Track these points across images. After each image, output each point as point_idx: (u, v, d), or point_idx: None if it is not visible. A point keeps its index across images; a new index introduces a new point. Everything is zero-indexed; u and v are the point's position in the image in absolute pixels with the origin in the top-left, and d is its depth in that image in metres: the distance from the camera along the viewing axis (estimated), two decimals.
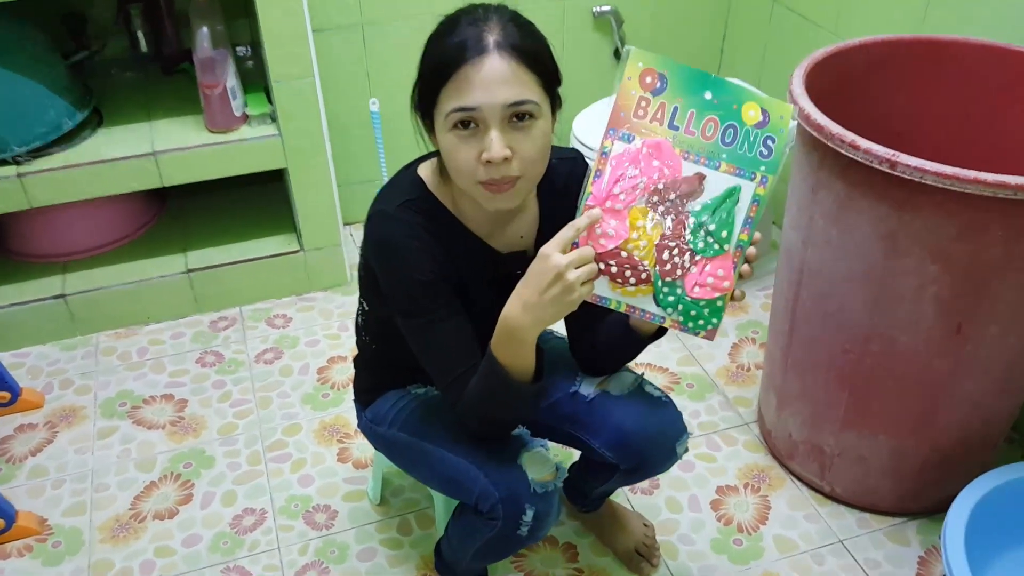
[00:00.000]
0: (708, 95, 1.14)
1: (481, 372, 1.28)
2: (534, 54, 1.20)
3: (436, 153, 1.31)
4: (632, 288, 1.19)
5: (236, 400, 2.20)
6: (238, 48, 2.49)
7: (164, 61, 2.53)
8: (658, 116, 1.14)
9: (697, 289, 1.18)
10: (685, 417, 2.06)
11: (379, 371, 1.61)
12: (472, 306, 1.37)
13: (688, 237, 1.17)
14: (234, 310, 2.50)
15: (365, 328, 1.58)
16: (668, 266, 1.18)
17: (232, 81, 2.23)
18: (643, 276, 1.18)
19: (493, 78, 1.17)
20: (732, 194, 1.16)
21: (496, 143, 1.18)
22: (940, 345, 1.60)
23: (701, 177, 1.15)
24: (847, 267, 1.62)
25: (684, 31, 2.84)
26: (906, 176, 1.42)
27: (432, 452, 1.47)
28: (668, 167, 1.15)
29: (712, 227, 1.16)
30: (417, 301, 1.32)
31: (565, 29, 2.70)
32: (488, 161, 1.19)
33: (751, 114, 1.14)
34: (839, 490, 1.90)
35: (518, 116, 1.19)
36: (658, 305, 1.20)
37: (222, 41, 2.20)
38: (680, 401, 2.14)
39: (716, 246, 1.17)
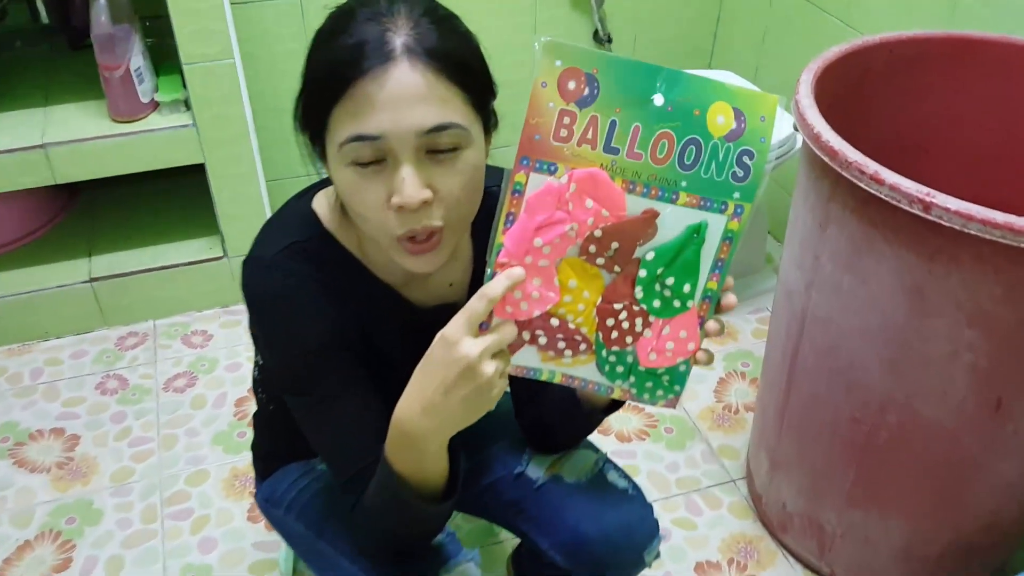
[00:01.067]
0: (659, 99, 0.79)
1: (376, 481, 0.97)
2: (459, 61, 0.88)
3: None
4: (568, 360, 0.89)
5: (136, 438, 1.88)
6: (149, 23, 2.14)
7: (71, 34, 2.19)
8: (589, 136, 0.80)
9: (653, 356, 0.89)
10: (662, 471, 1.77)
11: (278, 437, 1.30)
12: (389, 373, 1.06)
13: (639, 295, 0.86)
14: (147, 324, 2.17)
15: (262, 384, 1.27)
16: (614, 333, 0.87)
17: (138, 62, 1.89)
18: (581, 348, 0.88)
19: (402, 96, 0.85)
20: (696, 233, 0.83)
21: (409, 183, 0.87)
22: (974, 421, 1.29)
23: (652, 215, 0.83)
24: (861, 321, 1.31)
25: (673, 11, 2.51)
26: (943, 222, 1.10)
27: (329, 556, 1.17)
28: (607, 206, 0.82)
29: (671, 280, 0.85)
30: (304, 374, 1.01)
31: (538, 7, 2.37)
32: (400, 207, 0.88)
33: (720, 120, 0.80)
34: (841, 573, 1.60)
35: (439, 145, 0.88)
36: (603, 376, 0.90)
37: (126, 14, 1.86)
38: (657, 451, 1.84)
39: (677, 303, 0.86)
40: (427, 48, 0.86)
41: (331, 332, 1.00)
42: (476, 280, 1.10)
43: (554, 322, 0.86)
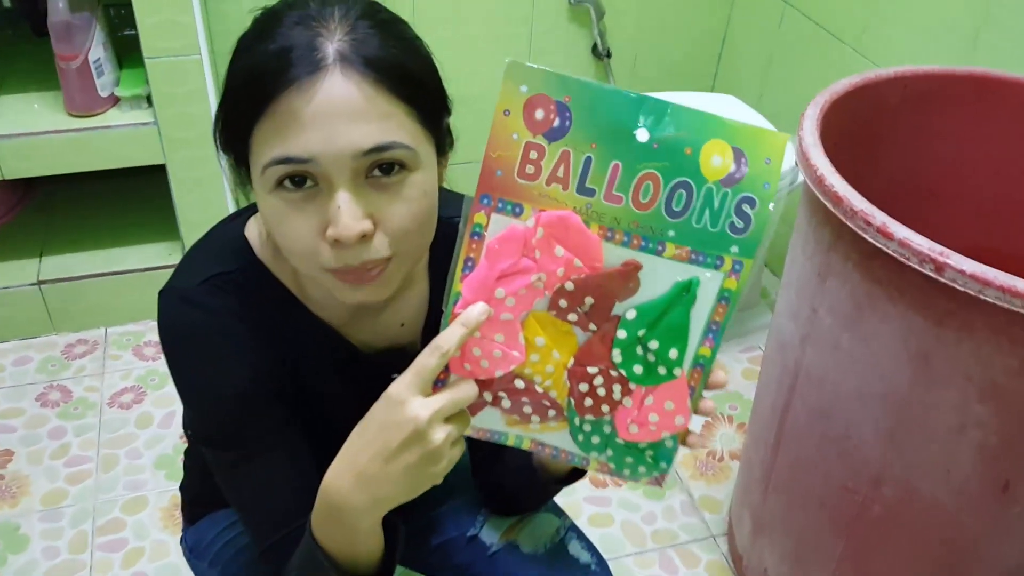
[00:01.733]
0: (643, 134, 0.67)
1: (299, 553, 0.84)
2: (403, 71, 0.75)
3: None
4: (536, 425, 0.76)
5: (74, 457, 1.75)
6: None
7: (36, 20, 2.05)
8: (559, 174, 0.68)
9: (635, 429, 0.75)
10: (637, 523, 1.65)
11: (207, 480, 1.15)
12: (325, 427, 0.93)
13: (617, 359, 0.72)
14: (97, 332, 2.04)
15: (188, 423, 1.14)
16: (588, 400, 0.74)
17: (98, 53, 1.76)
18: (550, 414, 0.75)
19: (335, 111, 0.72)
20: (686, 291, 0.70)
21: (346, 213, 0.74)
22: (978, 503, 1.17)
23: (634, 268, 0.70)
24: (859, 384, 1.19)
25: (675, 29, 2.38)
26: (957, 285, 0.98)
27: None
28: (580, 255, 0.69)
29: (655, 344, 0.72)
30: (220, 429, 0.89)
31: (535, 17, 2.24)
32: (336, 240, 0.75)
33: (716, 162, 0.67)
34: None
35: (381, 167, 0.75)
36: (577, 446, 0.77)
37: (88, 2, 1.73)
38: (634, 499, 1.72)
39: (662, 370, 0.73)
40: (365, 56, 0.73)
41: (254, 380, 0.87)
42: (432, 322, 0.97)
43: (519, 383, 0.73)
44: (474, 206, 0.69)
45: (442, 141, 0.82)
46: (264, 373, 0.88)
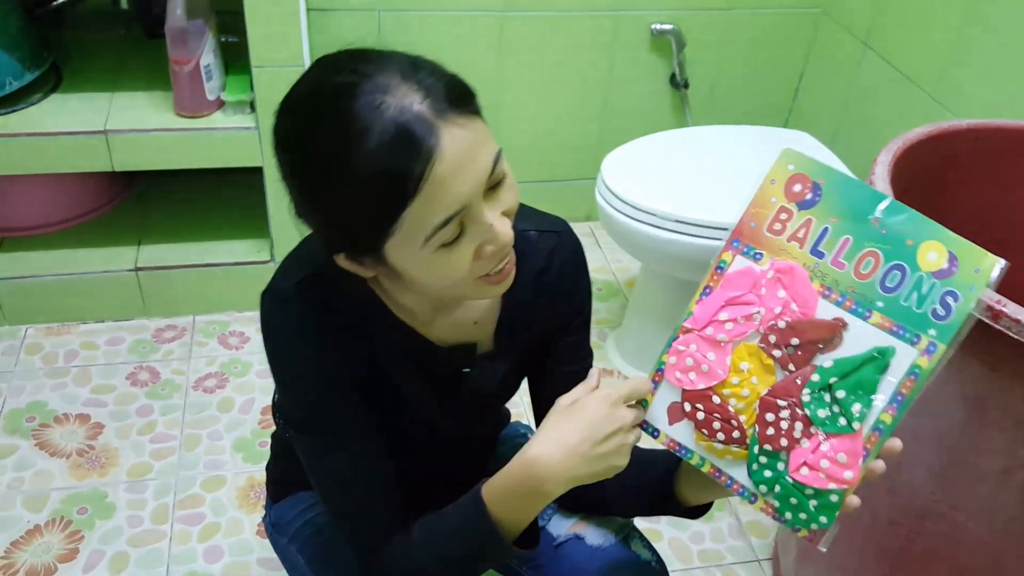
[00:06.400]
0: (875, 221, 0.80)
1: (447, 530, 0.95)
2: (464, 86, 0.83)
3: None
4: (720, 446, 0.87)
5: (159, 434, 1.86)
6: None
7: (148, 22, 2.19)
8: (800, 235, 0.83)
9: (805, 472, 0.82)
10: (685, 541, 1.71)
11: (293, 463, 1.25)
12: (402, 410, 1.03)
13: (806, 399, 0.82)
14: (186, 319, 2.16)
15: (281, 410, 1.23)
16: (771, 430, 0.84)
17: (209, 59, 1.88)
18: (734, 435, 0.86)
19: (463, 156, 0.79)
20: (881, 357, 0.79)
21: (500, 226, 0.84)
22: (1020, 543, 1.21)
23: (841, 325, 0.81)
24: (915, 423, 1.20)
25: (754, 64, 2.44)
26: (1011, 333, 1.03)
27: None
28: (798, 302, 0.82)
29: (842, 394, 0.80)
30: (310, 413, 0.97)
31: (617, 46, 2.32)
32: (495, 253, 0.85)
33: (931, 257, 0.78)
34: None
35: (494, 176, 0.84)
36: (750, 477, 0.86)
37: (203, 10, 1.85)
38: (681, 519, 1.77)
39: (843, 420, 0.81)
40: (445, 96, 0.79)
41: (340, 370, 0.96)
42: (503, 323, 1.05)
43: (716, 400, 0.86)
44: (725, 247, 0.86)
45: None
46: (349, 364, 0.96)
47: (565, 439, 0.87)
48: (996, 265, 0.76)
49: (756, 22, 2.37)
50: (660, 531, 1.76)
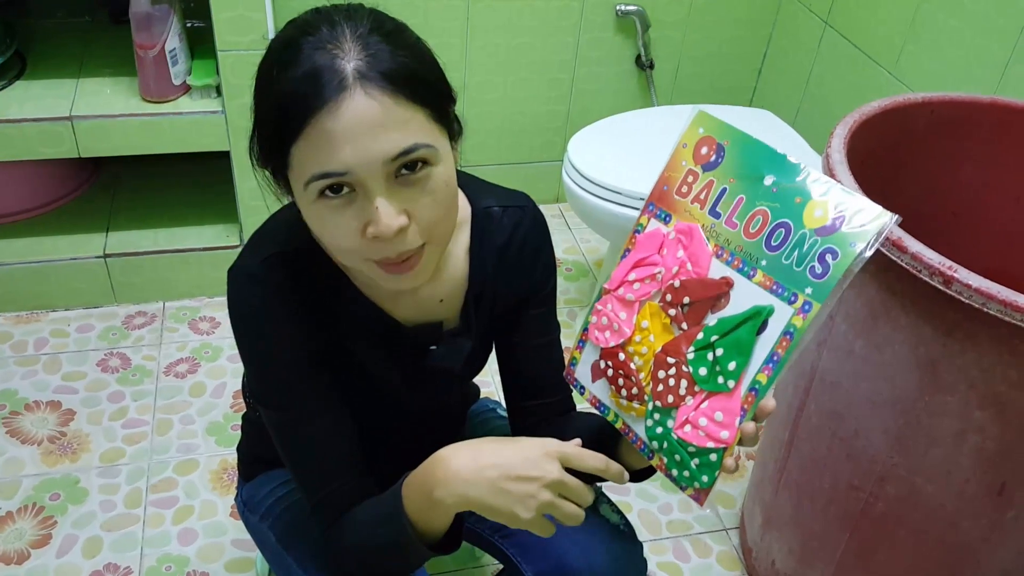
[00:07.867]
0: (769, 179, 0.80)
1: (376, 515, 0.96)
2: (415, 77, 0.84)
3: None
4: (625, 402, 0.90)
5: (131, 420, 1.87)
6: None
7: (113, 7, 2.19)
8: (702, 196, 0.85)
9: (688, 429, 0.83)
10: (654, 512, 1.73)
11: (263, 442, 1.26)
12: (368, 387, 1.05)
13: (690, 356, 0.83)
14: (156, 305, 2.16)
15: (249, 387, 1.25)
16: (661, 387, 0.86)
17: (174, 43, 1.88)
18: (634, 392, 0.88)
19: (361, 126, 0.81)
20: (757, 315, 0.79)
21: (384, 214, 0.84)
22: (975, 505, 1.25)
23: (727, 283, 0.81)
24: (871, 388, 1.27)
25: (718, 44, 2.47)
26: (963, 298, 1.06)
27: (294, 572, 1.14)
28: (692, 261, 0.84)
29: (720, 352, 0.81)
30: (277, 390, 0.99)
31: (582, 27, 2.34)
32: (376, 237, 0.85)
33: (817, 214, 0.77)
34: None
35: (407, 166, 0.84)
36: (646, 433, 0.88)
37: None
38: (651, 490, 1.81)
39: (720, 379, 0.81)
40: (380, 71, 0.81)
41: (307, 347, 0.98)
42: (469, 301, 1.07)
43: (621, 356, 0.89)
44: (643, 210, 0.89)
45: (452, 130, 0.91)
46: (315, 341, 0.98)
47: (480, 457, 0.89)
48: (880, 218, 0.74)
49: (719, 2, 2.39)
50: (629, 503, 1.79)
